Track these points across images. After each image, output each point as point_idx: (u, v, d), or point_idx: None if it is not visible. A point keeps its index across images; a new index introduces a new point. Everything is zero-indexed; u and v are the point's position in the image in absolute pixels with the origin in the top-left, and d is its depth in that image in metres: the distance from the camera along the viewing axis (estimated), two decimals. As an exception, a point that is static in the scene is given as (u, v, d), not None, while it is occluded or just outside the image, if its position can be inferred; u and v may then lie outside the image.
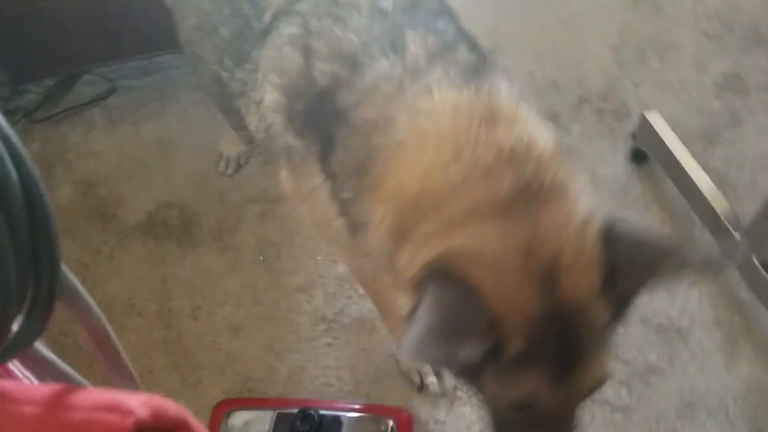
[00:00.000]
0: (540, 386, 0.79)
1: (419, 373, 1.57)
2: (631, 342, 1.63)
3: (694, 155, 1.79)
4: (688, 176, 1.74)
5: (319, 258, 1.80)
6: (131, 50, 2.05)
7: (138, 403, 0.46)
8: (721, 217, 1.64)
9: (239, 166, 2.00)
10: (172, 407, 0.50)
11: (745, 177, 1.91)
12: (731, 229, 1.63)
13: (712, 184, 1.73)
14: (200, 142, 2.06)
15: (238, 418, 1.41)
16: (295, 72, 0.97)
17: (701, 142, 1.97)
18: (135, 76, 2.19)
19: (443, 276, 0.74)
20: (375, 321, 1.67)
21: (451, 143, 0.80)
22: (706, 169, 1.89)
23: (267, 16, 1.03)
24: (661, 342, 1.63)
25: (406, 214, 0.83)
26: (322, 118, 0.94)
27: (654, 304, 1.68)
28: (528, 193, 0.77)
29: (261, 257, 1.80)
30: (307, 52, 0.96)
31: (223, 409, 1.43)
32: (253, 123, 1.13)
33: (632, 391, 1.56)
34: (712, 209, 1.67)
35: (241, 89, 1.12)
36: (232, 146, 1.93)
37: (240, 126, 1.24)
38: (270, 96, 1.03)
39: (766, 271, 1.57)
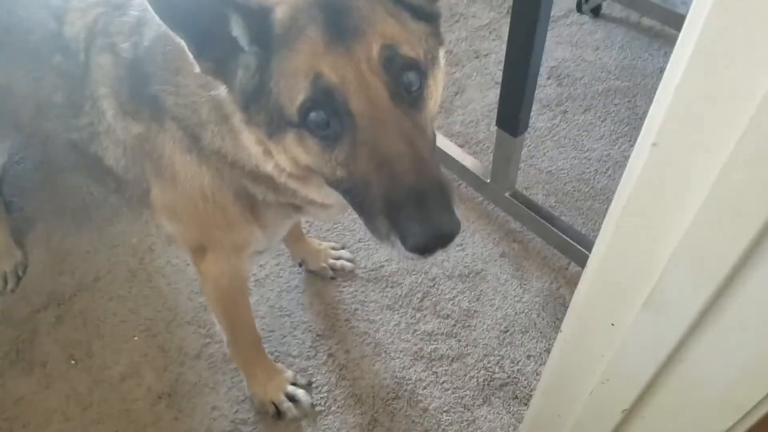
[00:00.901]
0: (315, 51, 0.83)
1: (274, 404, 1.59)
2: (444, 297, 1.83)
3: (438, 129, 2.05)
4: (440, 148, 2.00)
5: (135, 338, 1.74)
6: None
7: None
8: (472, 170, 1.92)
9: (19, 278, 1.87)
10: None
11: (482, 131, 2.24)
12: (482, 178, 1.91)
13: (458, 148, 2.01)
14: (-37, 271, 1.88)
15: None
16: (111, 69, 1.11)
17: (440, 115, 2.26)
18: None
19: None
20: (217, 375, 1.66)
21: None
22: (450, 135, 2.19)
23: (81, 56, 1.14)
24: (467, 288, 1.85)
25: None
26: (141, 80, 1.07)
27: (450, 258, 1.89)
28: None
29: (72, 361, 1.69)
30: (113, 47, 1.11)
31: None
32: (109, 154, 1.20)
33: (460, 339, 1.75)
34: (464, 167, 1.94)
35: (90, 133, 1.19)
36: (3, 261, 1.83)
37: (107, 179, 1.28)
38: (108, 107, 1.14)
39: (517, 200, 1.87)
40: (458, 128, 2.25)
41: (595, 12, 2.67)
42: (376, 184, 0.85)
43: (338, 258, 1.89)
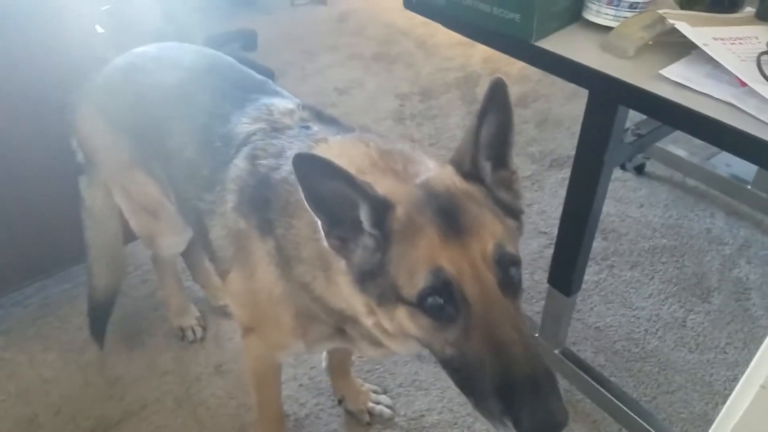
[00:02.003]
0: (433, 246, 0.94)
1: None
2: None
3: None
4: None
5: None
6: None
7: None
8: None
9: (204, 329, 2.13)
10: None
11: (526, 280, 2.28)
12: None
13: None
14: (21, 386, 1.95)
15: None
16: (245, 175, 1.30)
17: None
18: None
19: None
20: None
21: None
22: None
23: (233, 151, 1.35)
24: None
25: None
26: (263, 200, 1.24)
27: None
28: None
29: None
30: (254, 159, 1.30)
31: None
32: (215, 232, 1.38)
33: None
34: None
35: (210, 208, 1.38)
36: (185, 317, 2.12)
37: (207, 248, 1.46)
38: (230, 200, 1.32)
39: (567, 359, 1.86)
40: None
41: (639, 170, 2.78)
42: (489, 367, 0.91)
43: (377, 402, 1.88)
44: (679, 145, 2.75)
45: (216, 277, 1.83)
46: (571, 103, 3.22)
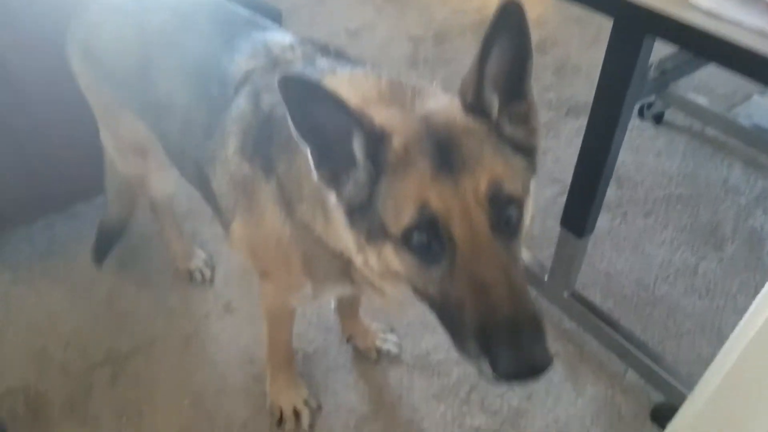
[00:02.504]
0: (423, 182, 0.89)
1: (281, 410, 1.70)
2: (493, 392, 1.79)
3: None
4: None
5: (185, 402, 1.75)
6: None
7: None
8: (529, 267, 1.92)
9: (212, 270, 2.12)
10: None
11: (537, 227, 2.25)
12: (539, 275, 1.91)
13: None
14: (31, 320, 1.97)
15: None
16: (247, 114, 1.24)
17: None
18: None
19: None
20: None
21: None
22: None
23: (231, 91, 1.29)
24: (518, 386, 1.81)
25: None
26: (266, 138, 1.18)
27: (502, 354, 1.86)
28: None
29: (123, 419, 1.71)
30: (256, 97, 1.24)
31: None
32: (218, 180, 1.34)
33: (508, 439, 1.70)
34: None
35: (211, 156, 1.33)
36: (190, 260, 2.10)
37: (210, 200, 1.44)
38: (232, 143, 1.26)
39: (576, 301, 1.85)
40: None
41: (658, 119, 2.71)
42: (471, 308, 0.88)
43: (385, 341, 1.90)
44: (700, 93, 2.68)
45: (364, 323, 1.88)
46: (590, 50, 3.12)
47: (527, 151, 1.00)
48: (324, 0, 3.73)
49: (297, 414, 1.71)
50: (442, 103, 1.04)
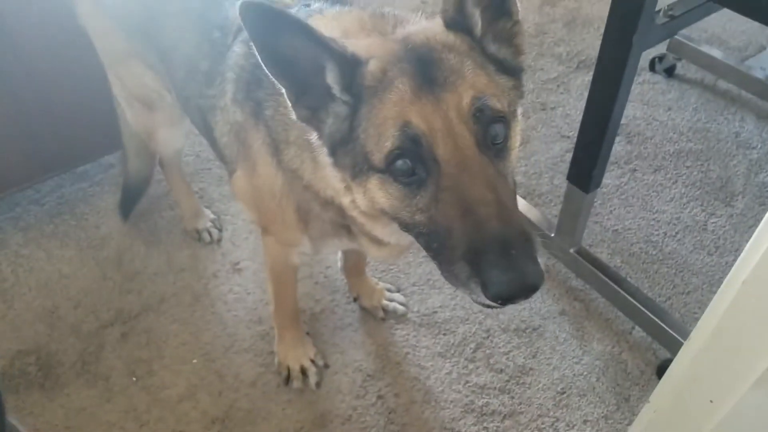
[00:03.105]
0: (403, 101, 0.87)
1: (288, 369, 1.72)
2: (498, 350, 1.80)
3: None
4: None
5: (195, 361, 1.78)
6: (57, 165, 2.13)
7: None
8: (536, 223, 1.90)
9: (220, 231, 2.12)
10: None
11: (545, 183, 2.23)
12: (546, 232, 1.90)
13: (522, 199, 2.00)
14: (41, 281, 1.98)
15: None
16: (241, 59, 1.21)
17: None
18: (-49, 231, 2.08)
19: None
20: (270, 405, 1.69)
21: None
22: (516, 186, 2.18)
23: (230, 38, 1.26)
24: (524, 344, 1.82)
25: None
26: (256, 83, 1.15)
27: (506, 310, 1.87)
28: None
29: (133, 378, 1.74)
30: (250, 43, 1.24)
31: None
32: (219, 129, 1.33)
33: (513, 396, 1.72)
34: (528, 219, 1.93)
35: (212, 104, 1.32)
36: (199, 220, 2.10)
37: (215, 148, 1.44)
38: (229, 90, 1.25)
39: (582, 258, 1.84)
40: (520, 179, 2.25)
41: (669, 72, 2.64)
42: (458, 230, 0.86)
43: (391, 300, 1.90)
44: (713, 45, 2.60)
45: (371, 282, 1.88)
46: (601, 2, 3.02)
47: (513, 71, 0.98)
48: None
49: (304, 372, 1.73)
50: (424, 24, 1.01)
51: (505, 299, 0.83)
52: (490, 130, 0.89)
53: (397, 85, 0.88)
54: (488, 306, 0.86)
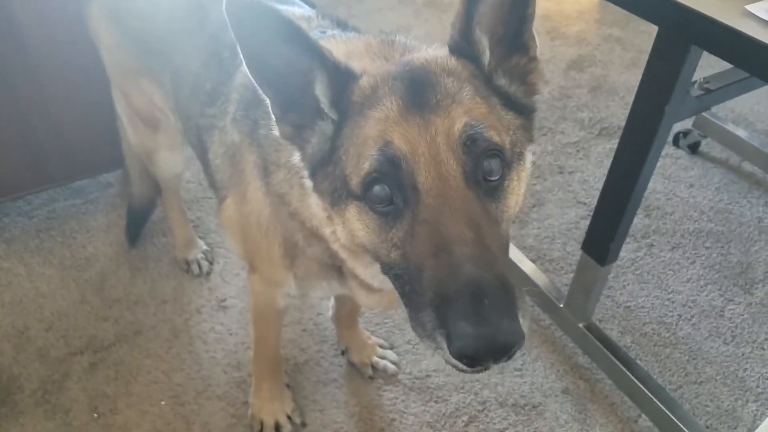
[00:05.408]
0: (387, 120, 0.79)
1: (261, 423, 1.59)
2: (493, 426, 1.66)
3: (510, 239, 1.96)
4: (511, 259, 1.89)
5: (163, 402, 1.65)
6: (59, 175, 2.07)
7: None
8: (545, 292, 1.79)
9: (211, 263, 2.02)
10: None
11: (557, 249, 2.12)
12: (555, 301, 1.77)
13: (532, 264, 1.90)
14: (16, 298, 1.89)
15: None
16: (245, 79, 1.13)
17: (513, 226, 2.17)
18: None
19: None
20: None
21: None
22: (522, 248, 2.08)
23: (238, 60, 1.19)
24: (521, 422, 1.68)
25: None
26: (256, 102, 1.07)
27: (505, 383, 1.74)
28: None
29: (95, 414, 1.61)
30: None
31: None
32: (213, 150, 1.27)
33: (503, 477, 1.57)
34: (535, 285, 1.82)
35: (210, 123, 1.26)
36: (190, 250, 2.00)
37: (207, 171, 1.38)
38: (230, 111, 1.19)
39: (591, 334, 1.72)
40: (531, 242, 2.14)
41: (693, 148, 2.56)
42: (429, 270, 0.74)
43: (383, 357, 1.77)
44: (740, 125, 2.52)
45: (362, 335, 1.77)
46: (629, 73, 2.98)
47: (523, 109, 0.89)
48: (362, -1, 3.64)
49: (278, 429, 1.60)
50: (431, 51, 0.94)
51: (470, 358, 0.70)
52: (483, 164, 0.80)
53: (385, 103, 0.81)
54: (456, 368, 0.73)
